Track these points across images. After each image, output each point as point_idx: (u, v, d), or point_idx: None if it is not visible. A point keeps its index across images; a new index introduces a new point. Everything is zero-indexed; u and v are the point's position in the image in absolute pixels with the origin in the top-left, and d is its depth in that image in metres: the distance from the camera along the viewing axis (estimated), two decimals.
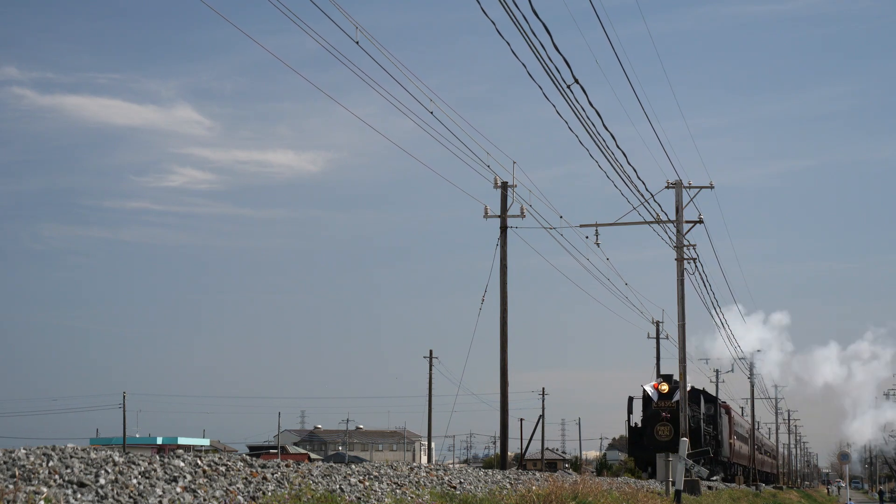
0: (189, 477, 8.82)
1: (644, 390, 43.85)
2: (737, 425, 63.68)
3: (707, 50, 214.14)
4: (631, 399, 46.74)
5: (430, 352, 65.58)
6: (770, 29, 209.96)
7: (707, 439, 48.05)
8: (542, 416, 67.04)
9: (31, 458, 7.87)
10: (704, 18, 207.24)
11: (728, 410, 58.14)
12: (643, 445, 42.21)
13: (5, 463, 7.66)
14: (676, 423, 37.66)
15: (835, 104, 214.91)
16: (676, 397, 37.48)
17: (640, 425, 44.47)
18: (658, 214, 31.86)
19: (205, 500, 8.41)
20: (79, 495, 7.46)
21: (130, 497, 7.78)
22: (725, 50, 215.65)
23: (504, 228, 33.40)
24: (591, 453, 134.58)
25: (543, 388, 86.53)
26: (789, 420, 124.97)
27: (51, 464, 7.88)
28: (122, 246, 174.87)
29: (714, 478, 48.02)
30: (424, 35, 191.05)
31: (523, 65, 16.97)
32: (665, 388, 38.66)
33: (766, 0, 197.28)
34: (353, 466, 12.18)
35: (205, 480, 8.89)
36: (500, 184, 33.11)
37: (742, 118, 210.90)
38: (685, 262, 33.88)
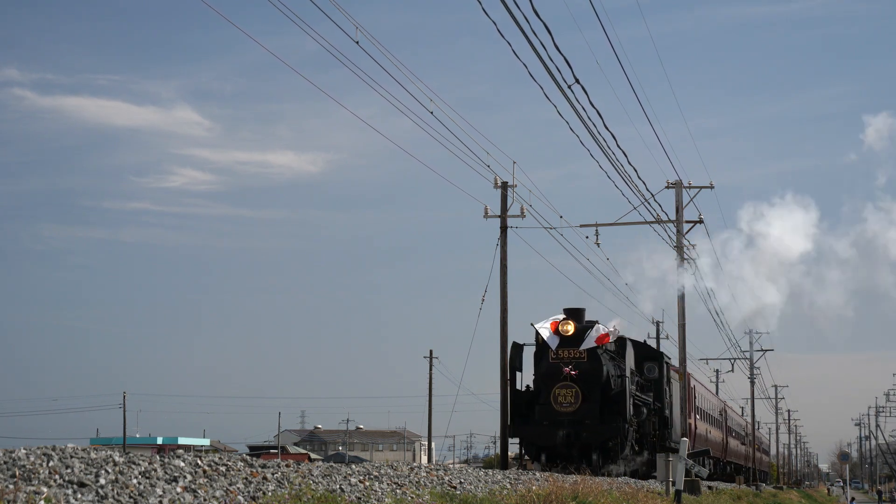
0: (189, 477, 8.82)
1: (536, 333, 28.44)
2: (702, 400, 48.82)
3: (707, 51, 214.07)
4: (518, 349, 29.99)
5: (430, 352, 65.53)
6: (770, 30, 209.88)
7: (644, 415, 30.64)
8: None
9: (31, 458, 7.87)
10: (704, 19, 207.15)
11: (687, 378, 40.00)
12: (533, 419, 28.04)
13: (5, 463, 7.66)
14: (590, 384, 27.24)
15: (835, 105, 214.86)
16: (589, 343, 27.52)
17: (531, 388, 28.96)
18: (658, 214, 31.83)
19: (205, 500, 8.40)
20: (79, 495, 7.45)
21: (131, 497, 7.77)
22: (725, 51, 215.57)
23: (504, 228, 33.38)
24: None
25: None
26: (789, 420, 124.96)
27: (51, 464, 7.88)
28: (122, 246, 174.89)
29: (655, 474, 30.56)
30: (424, 35, 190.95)
31: (524, 65, 16.96)
32: (569, 328, 27.61)
33: (766, 1, 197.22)
34: (353, 466, 12.17)
35: (205, 480, 8.89)
36: (500, 184, 33.09)
37: (742, 119, 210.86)
38: (685, 261, 33.83)
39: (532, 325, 28.53)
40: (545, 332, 28.25)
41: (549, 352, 27.95)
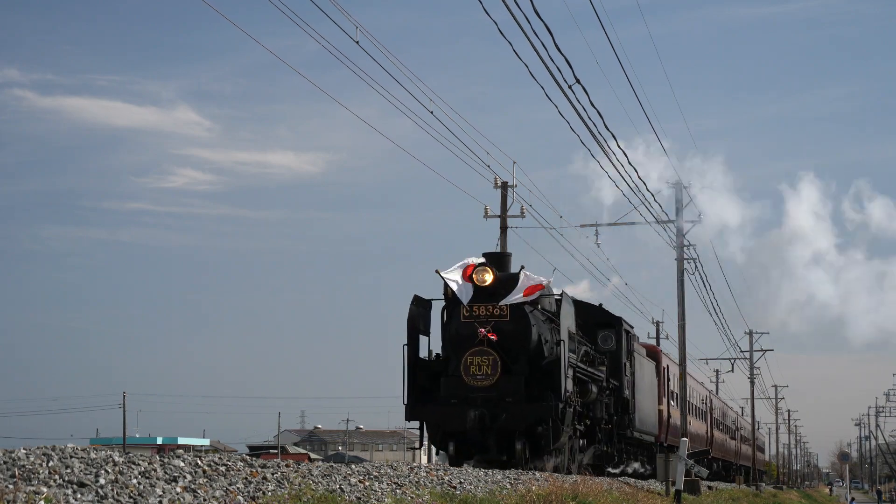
0: (189, 477, 8.82)
1: (445, 285, 21.54)
2: (676, 379, 40.03)
3: (707, 51, 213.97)
4: (423, 305, 22.45)
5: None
6: (770, 30, 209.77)
7: (593, 395, 23.84)
8: None
9: (31, 458, 7.87)
10: (704, 20, 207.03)
11: (655, 356, 35.73)
12: (437, 397, 21.25)
13: (5, 463, 7.66)
14: (514, 351, 20.82)
15: (835, 106, 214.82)
16: (514, 297, 20.90)
17: (440, 357, 22.09)
18: (658, 214, 31.82)
19: (205, 500, 8.40)
20: (79, 495, 7.45)
21: (130, 497, 7.77)
22: (725, 51, 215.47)
23: (504, 228, 33.39)
24: None
25: None
26: (789, 420, 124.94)
27: (51, 464, 7.88)
28: (122, 247, 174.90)
29: (613, 469, 27.22)
30: (424, 35, 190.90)
31: (525, 65, 16.95)
32: (487, 276, 20.94)
33: (766, 2, 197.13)
34: (353, 466, 12.17)
35: (205, 480, 8.88)
36: (500, 184, 33.09)
37: (742, 119, 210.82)
38: (685, 261, 33.85)
39: (437, 272, 21.17)
40: (455, 282, 21.18)
41: (460, 308, 20.93)
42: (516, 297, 21.03)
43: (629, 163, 25.05)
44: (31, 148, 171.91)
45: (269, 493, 9.23)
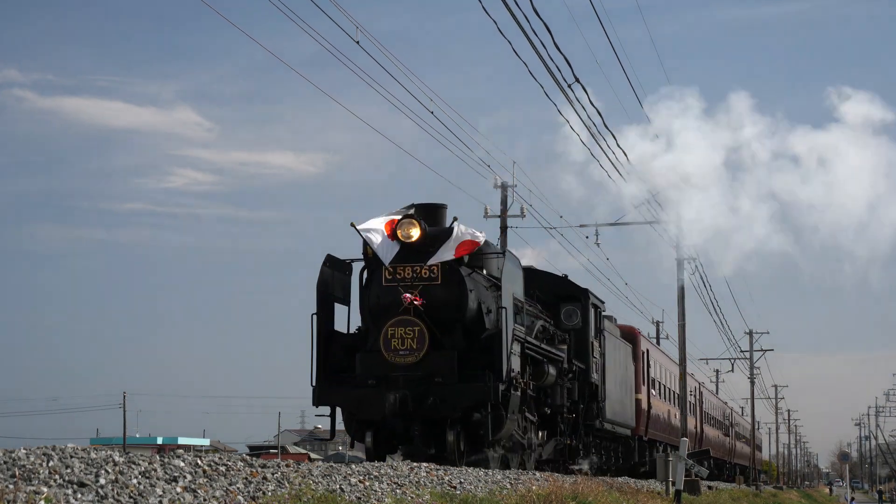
0: (189, 477, 8.82)
1: (364, 243, 18.17)
2: (662, 372, 37.29)
3: (707, 51, 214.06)
4: (340, 267, 18.95)
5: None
6: (770, 31, 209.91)
7: (551, 378, 20.53)
8: None
9: (31, 458, 7.87)
10: (704, 20, 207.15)
11: (632, 338, 31.72)
12: (352, 377, 17.90)
13: (5, 463, 7.66)
14: (446, 320, 17.53)
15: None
16: (446, 255, 17.48)
17: (361, 329, 18.65)
18: (658, 214, 31.80)
19: (205, 500, 8.40)
20: (79, 495, 7.46)
21: (130, 497, 7.78)
22: (725, 51, 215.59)
23: (504, 228, 33.40)
24: None
25: None
26: (789, 420, 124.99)
27: (51, 464, 7.88)
28: (122, 247, 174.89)
29: (577, 465, 23.17)
30: (424, 35, 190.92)
31: (524, 63, 16.95)
32: (413, 232, 17.61)
33: (766, 2, 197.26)
34: (353, 466, 12.18)
35: (205, 480, 8.89)
36: (500, 184, 33.10)
37: None
38: (685, 261, 33.84)
39: (353, 225, 17.67)
40: (375, 236, 17.65)
41: (382, 270, 17.66)
42: (447, 254, 17.52)
43: (629, 162, 25.07)
44: (30, 148, 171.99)
45: (269, 493, 9.23)
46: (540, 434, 20.83)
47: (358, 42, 17.12)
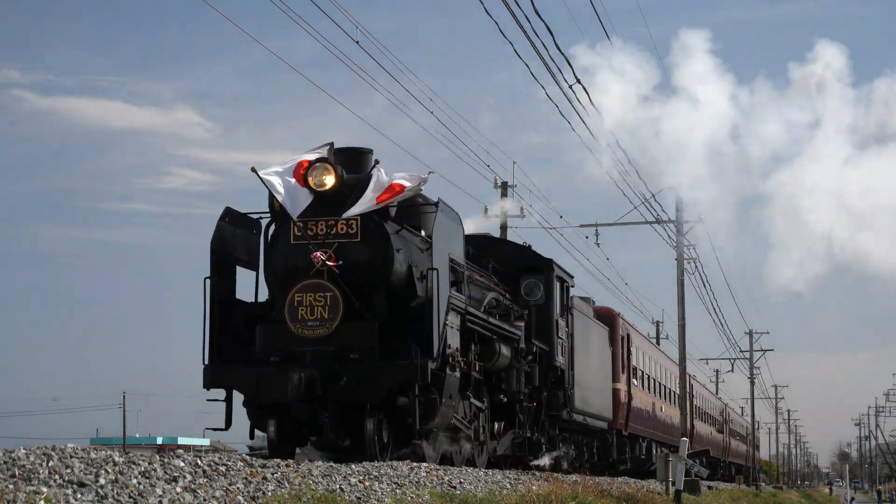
0: (189, 477, 8.83)
1: (270, 196, 15.07)
2: (644, 359, 33.80)
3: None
4: (243, 223, 15.82)
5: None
6: (771, 32, 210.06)
7: (506, 359, 17.75)
8: None
9: (31, 458, 7.88)
10: (705, 21, 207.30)
11: (610, 320, 28.72)
12: (252, 353, 14.89)
13: (5, 463, 7.66)
14: (365, 286, 14.64)
15: None
16: (366, 205, 14.56)
17: (268, 299, 15.58)
18: (658, 214, 31.83)
19: (205, 500, 8.41)
20: (79, 495, 7.46)
21: (130, 497, 7.78)
22: (726, 52, 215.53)
23: (504, 228, 33.40)
24: None
25: None
26: (789, 420, 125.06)
27: (51, 464, 7.89)
28: (122, 247, 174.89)
29: (537, 461, 20.57)
30: (425, 35, 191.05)
31: (526, 65, 16.97)
32: (327, 179, 14.66)
33: (766, 3, 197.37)
34: (353, 466, 12.18)
35: (205, 480, 8.90)
36: (500, 184, 33.11)
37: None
38: (685, 261, 33.87)
39: (254, 170, 14.56)
40: (280, 184, 14.65)
41: (290, 226, 14.79)
42: (365, 204, 14.46)
43: (629, 162, 25.07)
44: (30, 148, 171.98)
45: (269, 493, 9.24)
46: (496, 426, 18.37)
47: (358, 42, 17.14)
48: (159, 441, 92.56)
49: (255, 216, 15.89)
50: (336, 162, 14.86)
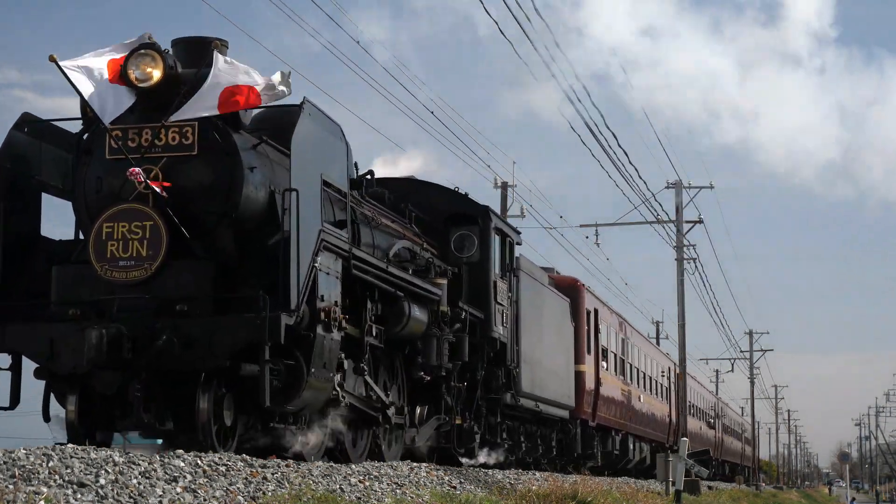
0: (189, 477, 8.84)
1: (82, 102, 11.17)
2: (615, 340, 29.43)
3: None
4: (49, 138, 11.95)
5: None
6: (772, 32, 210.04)
7: (420, 326, 14.46)
8: None
9: (31, 459, 7.88)
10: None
11: (573, 291, 24.90)
12: (45, 304, 11.18)
13: (5, 463, 7.67)
14: (197, 213, 11.17)
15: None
16: (205, 107, 10.96)
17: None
18: (658, 214, 31.87)
19: (205, 500, 8.42)
20: (79, 495, 7.47)
21: (130, 497, 7.79)
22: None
23: None
24: None
25: None
26: (789, 420, 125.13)
27: (51, 464, 7.89)
28: None
29: (472, 456, 17.49)
30: (425, 35, 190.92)
31: (526, 64, 16.89)
32: (153, 71, 11.05)
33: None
34: (352, 466, 12.19)
35: (205, 480, 8.90)
36: (500, 184, 33.16)
37: None
38: (685, 262, 33.90)
39: (53, 59, 11.34)
40: (88, 80, 11.25)
41: (106, 136, 11.35)
42: (204, 106, 11.07)
43: (629, 162, 25.06)
44: None
45: (269, 493, 9.24)
46: (419, 410, 15.40)
47: (358, 42, 17.17)
48: (160, 441, 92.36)
49: (71, 127, 12.07)
50: (169, 51, 11.57)
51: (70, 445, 8.93)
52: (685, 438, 26.36)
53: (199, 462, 9.41)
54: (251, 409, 11.37)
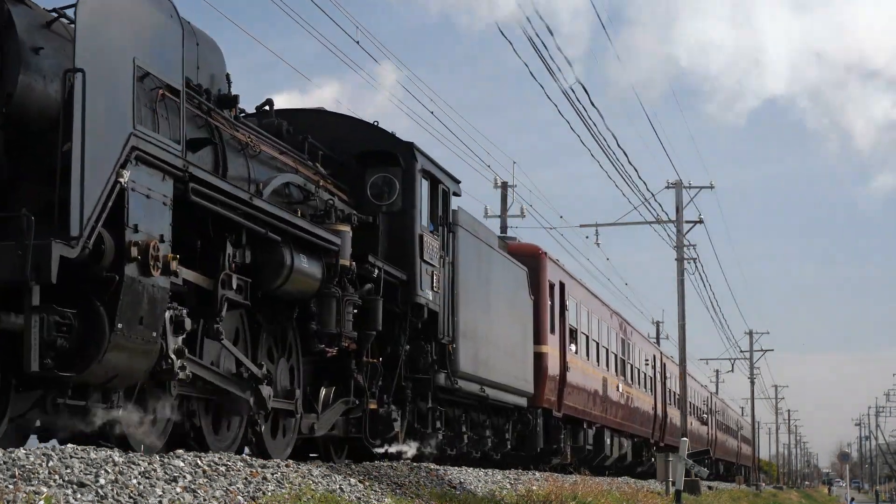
0: (189, 477, 8.83)
1: None
2: (585, 316, 26.07)
3: None
4: None
5: None
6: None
7: (313, 281, 11.63)
8: None
9: (31, 459, 7.87)
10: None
11: (534, 260, 21.71)
12: None
13: (5, 463, 7.66)
14: None
15: None
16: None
17: None
18: (658, 214, 31.88)
19: (205, 500, 8.42)
20: (79, 495, 7.46)
21: (130, 497, 7.79)
22: None
23: (504, 229, 33.43)
24: None
25: None
26: (789, 420, 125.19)
27: (50, 464, 7.89)
28: None
29: (388, 448, 14.31)
30: (425, 36, 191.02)
31: (525, 64, 16.88)
32: None
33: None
34: (352, 466, 12.19)
35: (205, 480, 8.90)
36: (500, 184, 33.17)
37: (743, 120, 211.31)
38: (685, 262, 33.92)
39: None
40: None
41: None
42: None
43: (629, 162, 25.06)
44: None
45: (269, 493, 9.24)
46: (323, 393, 12.96)
47: (358, 42, 17.14)
48: None
49: None
50: None
51: (70, 445, 8.92)
52: (685, 438, 26.35)
53: (198, 462, 9.41)
54: (29, 379, 8.34)
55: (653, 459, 33.18)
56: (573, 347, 24.65)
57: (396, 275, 14.08)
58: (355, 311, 12.73)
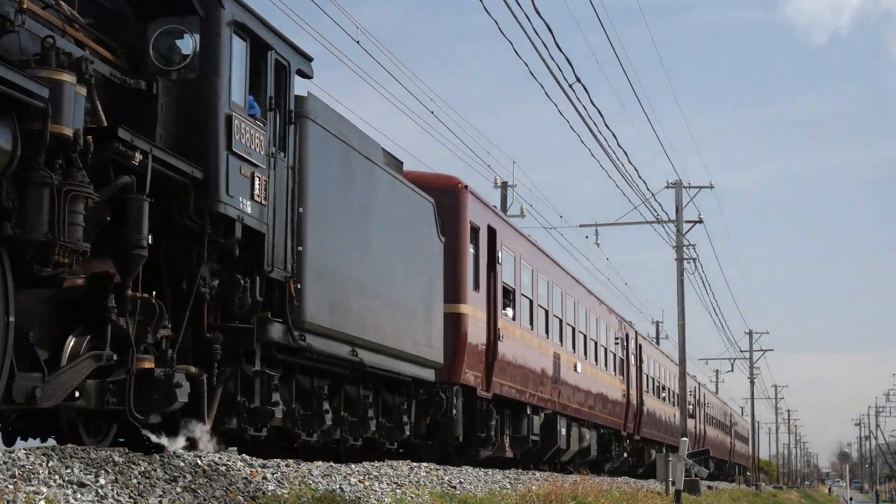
0: (189, 477, 8.84)
1: None
2: (530, 273, 21.05)
3: (708, 54, 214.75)
4: None
5: None
6: (771, 33, 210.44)
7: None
8: None
9: (31, 459, 7.87)
10: (706, 23, 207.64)
11: (452, 193, 17.21)
12: None
13: (5, 463, 7.66)
14: None
15: (834, 107, 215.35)
16: None
17: None
18: (658, 214, 31.90)
19: (205, 500, 8.42)
20: (79, 495, 7.46)
21: (130, 497, 7.79)
22: (727, 54, 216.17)
23: None
24: None
25: None
26: (789, 420, 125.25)
27: (51, 464, 7.89)
28: None
29: (175, 440, 9.91)
30: (426, 36, 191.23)
31: (525, 64, 16.90)
32: None
33: (767, 6, 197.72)
34: (352, 466, 12.19)
35: (205, 480, 8.90)
36: (500, 184, 33.18)
37: (743, 120, 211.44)
38: (685, 261, 33.93)
39: None
40: None
41: None
42: None
43: (629, 162, 25.04)
44: None
45: (269, 493, 9.24)
46: (71, 344, 8.83)
47: (358, 42, 17.12)
48: None
49: None
50: None
51: (70, 445, 8.93)
52: (685, 438, 26.37)
53: (198, 462, 9.41)
54: None
55: (625, 454, 30.88)
56: (509, 312, 19.88)
57: (183, 169, 9.78)
58: (107, 218, 8.98)
